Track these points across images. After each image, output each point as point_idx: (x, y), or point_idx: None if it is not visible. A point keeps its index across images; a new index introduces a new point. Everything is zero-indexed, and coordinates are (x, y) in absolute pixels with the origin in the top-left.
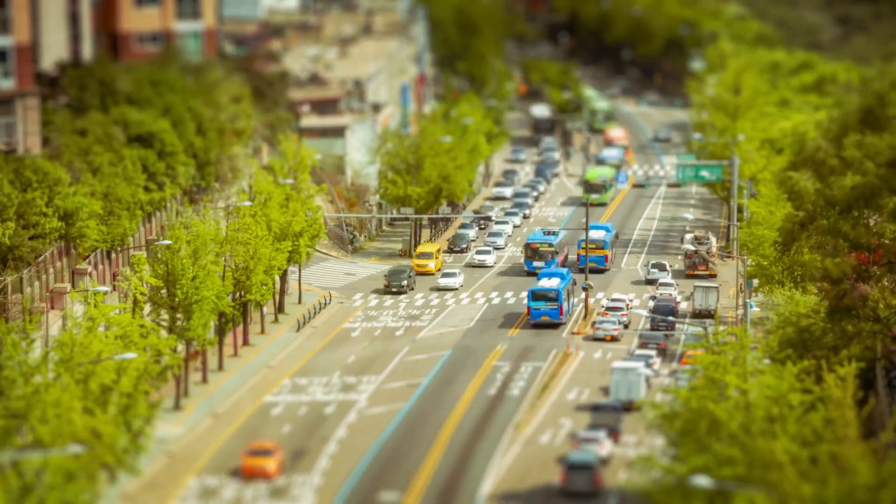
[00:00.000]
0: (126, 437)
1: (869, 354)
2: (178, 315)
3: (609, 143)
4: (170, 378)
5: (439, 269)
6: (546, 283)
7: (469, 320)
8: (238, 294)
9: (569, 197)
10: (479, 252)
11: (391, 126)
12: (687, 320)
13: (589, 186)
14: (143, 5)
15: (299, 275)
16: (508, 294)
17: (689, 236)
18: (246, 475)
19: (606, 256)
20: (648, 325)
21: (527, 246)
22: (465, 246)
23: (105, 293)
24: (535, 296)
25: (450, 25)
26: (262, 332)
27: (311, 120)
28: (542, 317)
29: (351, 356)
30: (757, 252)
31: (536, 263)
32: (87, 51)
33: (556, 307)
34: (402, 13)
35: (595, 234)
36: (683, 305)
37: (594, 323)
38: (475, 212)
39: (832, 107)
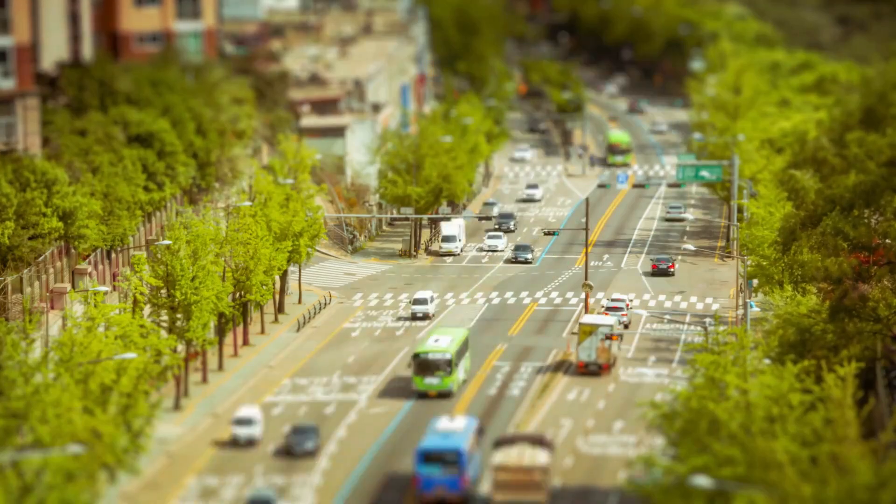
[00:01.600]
0: (126, 437)
1: (869, 354)
2: (178, 315)
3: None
4: (170, 378)
5: None
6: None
7: (469, 320)
8: (238, 294)
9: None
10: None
11: (391, 126)
12: (687, 319)
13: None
14: (143, 5)
15: (299, 275)
16: (508, 294)
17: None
18: None
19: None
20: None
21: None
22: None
23: (105, 293)
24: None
25: (450, 25)
26: (262, 332)
27: (311, 120)
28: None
29: (351, 356)
30: (757, 252)
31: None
32: (87, 51)
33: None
34: (402, 13)
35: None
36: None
37: None
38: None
39: (833, 106)
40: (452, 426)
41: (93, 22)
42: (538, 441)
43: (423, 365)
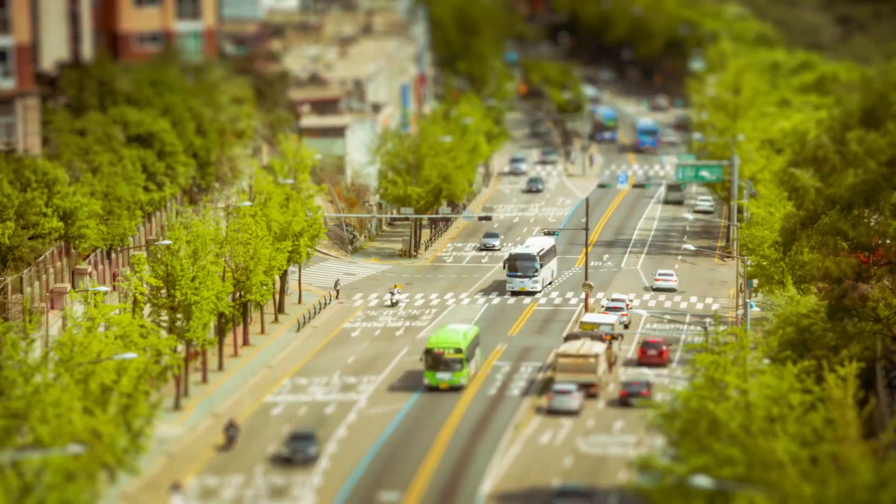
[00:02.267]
0: (126, 437)
1: (869, 354)
2: (178, 315)
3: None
4: (170, 378)
5: None
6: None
7: (469, 320)
8: (238, 294)
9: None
10: None
11: (391, 126)
12: (687, 319)
13: (434, 360)
14: (143, 5)
15: (299, 275)
16: (508, 294)
17: None
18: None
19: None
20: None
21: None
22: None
23: (105, 293)
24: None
25: (450, 25)
26: (262, 332)
27: (311, 120)
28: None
29: (351, 356)
30: (757, 252)
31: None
32: (87, 51)
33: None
34: (402, 13)
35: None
36: None
37: None
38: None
39: (833, 105)
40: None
41: (93, 22)
42: (597, 338)
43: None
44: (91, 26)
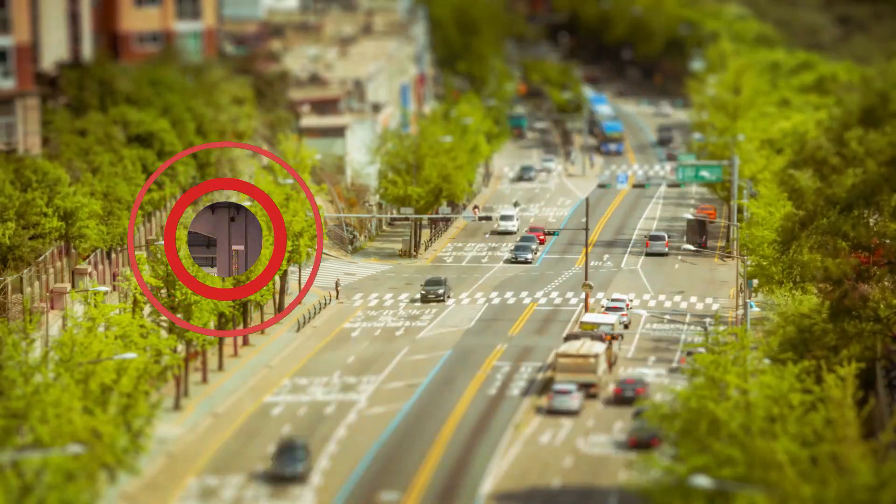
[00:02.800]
0: (126, 437)
1: (869, 354)
2: (178, 315)
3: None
4: (170, 378)
5: None
6: None
7: (469, 320)
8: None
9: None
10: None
11: (391, 126)
12: (687, 319)
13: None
14: (143, 5)
15: (299, 275)
16: (508, 294)
17: None
18: None
19: None
20: None
21: None
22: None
23: (105, 293)
24: None
25: (450, 25)
26: (262, 332)
27: (311, 120)
28: None
29: (351, 356)
30: (757, 252)
31: None
32: (87, 51)
33: None
34: (402, 13)
35: None
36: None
37: None
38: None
39: (833, 105)
40: None
41: (93, 22)
42: (597, 338)
43: None
44: (91, 26)
